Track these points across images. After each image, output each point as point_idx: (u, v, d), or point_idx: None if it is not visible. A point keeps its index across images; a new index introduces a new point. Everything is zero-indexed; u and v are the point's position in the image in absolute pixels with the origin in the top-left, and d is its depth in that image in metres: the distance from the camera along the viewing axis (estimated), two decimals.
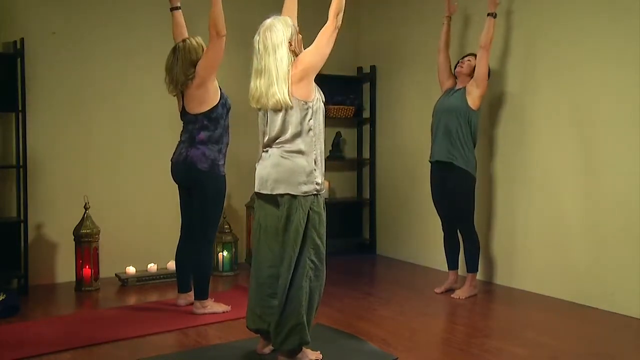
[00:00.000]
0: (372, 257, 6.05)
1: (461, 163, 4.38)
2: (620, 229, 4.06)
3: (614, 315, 4.05)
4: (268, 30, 3.00)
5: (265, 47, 2.98)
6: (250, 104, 3.10)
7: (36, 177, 4.72)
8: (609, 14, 4.12)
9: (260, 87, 3.01)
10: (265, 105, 3.02)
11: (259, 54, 3.01)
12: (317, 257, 3.04)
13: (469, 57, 4.55)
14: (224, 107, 3.90)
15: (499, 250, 4.89)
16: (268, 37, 2.99)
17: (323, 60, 3.06)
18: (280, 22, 3.04)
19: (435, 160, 4.50)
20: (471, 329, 3.81)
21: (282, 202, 3.01)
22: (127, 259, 4.98)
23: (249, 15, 4.88)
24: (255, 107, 3.10)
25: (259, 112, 3.12)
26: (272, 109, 3.01)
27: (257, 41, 3.02)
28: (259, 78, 3.02)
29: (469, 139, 4.41)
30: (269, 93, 2.98)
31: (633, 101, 3.99)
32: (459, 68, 4.54)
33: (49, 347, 3.39)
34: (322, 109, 3.11)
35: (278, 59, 2.97)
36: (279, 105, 2.97)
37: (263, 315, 3.12)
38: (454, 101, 4.44)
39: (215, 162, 3.85)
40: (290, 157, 3.00)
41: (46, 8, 4.80)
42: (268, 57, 2.97)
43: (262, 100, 3.02)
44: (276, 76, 2.96)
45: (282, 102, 2.96)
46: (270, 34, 2.99)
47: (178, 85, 3.85)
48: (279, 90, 2.95)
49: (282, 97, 2.95)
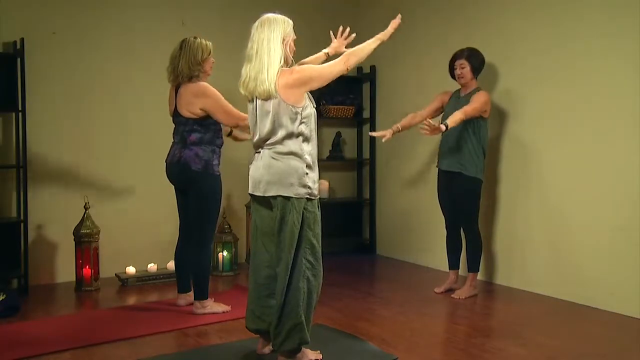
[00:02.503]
0: (372, 257, 6.05)
1: (471, 172, 4.38)
2: (620, 229, 4.06)
3: (614, 315, 4.05)
4: (267, 21, 3.02)
5: (260, 36, 2.99)
6: (240, 90, 3.09)
7: (36, 177, 4.73)
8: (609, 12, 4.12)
9: (249, 71, 3.01)
10: (253, 91, 3.01)
11: (253, 40, 3.02)
12: (314, 256, 3.04)
13: (459, 62, 4.46)
14: None
15: (499, 250, 4.89)
16: (265, 28, 3.00)
17: (319, 83, 3.05)
18: (280, 18, 3.05)
19: (444, 170, 4.50)
20: (471, 329, 3.81)
21: (275, 204, 3.01)
22: (127, 259, 4.98)
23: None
24: (244, 94, 3.09)
25: (249, 105, 3.11)
26: (260, 97, 3.00)
27: (254, 27, 3.04)
28: (249, 63, 3.02)
29: (479, 147, 4.39)
30: (258, 79, 2.97)
31: (634, 101, 3.99)
32: (459, 79, 4.48)
33: (49, 347, 3.39)
34: (314, 115, 3.10)
35: (272, 48, 2.97)
36: (267, 94, 2.97)
37: (262, 315, 3.12)
38: None
39: (209, 162, 3.85)
40: (282, 159, 3.00)
41: (46, 8, 4.80)
42: (262, 45, 2.98)
43: (250, 84, 3.01)
44: (267, 63, 2.96)
45: (268, 90, 2.95)
46: (269, 24, 3.00)
47: (179, 77, 3.85)
48: (268, 78, 2.95)
49: (268, 86, 2.95)
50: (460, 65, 4.46)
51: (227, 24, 5.41)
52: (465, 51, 4.47)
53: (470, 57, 4.45)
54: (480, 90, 4.43)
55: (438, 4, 5.39)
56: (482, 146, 4.42)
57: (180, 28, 5.14)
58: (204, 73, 3.89)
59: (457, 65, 4.47)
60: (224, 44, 4.41)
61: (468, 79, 4.45)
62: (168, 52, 3.96)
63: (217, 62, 4.01)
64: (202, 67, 3.86)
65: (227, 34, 5.09)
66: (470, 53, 4.46)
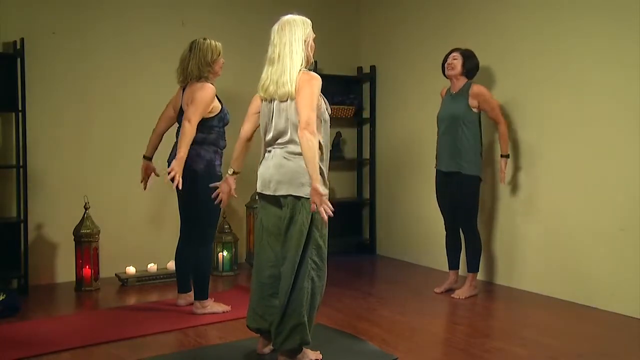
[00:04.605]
0: (372, 257, 6.04)
1: (469, 170, 4.39)
2: (620, 229, 4.06)
3: (614, 315, 4.05)
4: (287, 23, 3.01)
5: (282, 39, 2.99)
6: (259, 92, 3.09)
7: (36, 177, 4.72)
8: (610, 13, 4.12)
9: (271, 74, 3.01)
10: (273, 94, 3.01)
11: (274, 44, 3.01)
12: (319, 257, 3.04)
13: (453, 54, 4.48)
14: (220, 121, 3.91)
15: (500, 250, 4.89)
16: (287, 31, 2.99)
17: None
18: (300, 19, 3.04)
19: (443, 171, 4.51)
20: (471, 329, 3.81)
21: (285, 203, 3.01)
22: (127, 259, 4.98)
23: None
24: (263, 97, 3.09)
25: (264, 105, 3.10)
26: (280, 99, 3.00)
27: (274, 31, 3.03)
28: (271, 66, 3.02)
29: (476, 143, 4.41)
30: (279, 81, 2.98)
31: (634, 101, 3.99)
32: (448, 71, 4.48)
33: (49, 347, 3.39)
34: (327, 121, 3.09)
35: (294, 51, 2.97)
36: (286, 96, 2.97)
37: (264, 314, 3.12)
38: (456, 107, 4.42)
39: (211, 163, 3.85)
40: (293, 159, 3.00)
41: (46, 8, 4.80)
42: (284, 47, 2.98)
43: (270, 88, 3.01)
44: (290, 66, 2.96)
45: (289, 92, 2.95)
46: (289, 27, 3.00)
47: (188, 78, 3.86)
48: (290, 80, 2.95)
49: (290, 88, 2.95)
50: (453, 57, 4.47)
51: (227, 24, 5.40)
52: (462, 49, 4.50)
53: (465, 53, 4.47)
54: (474, 84, 4.44)
55: (438, 4, 5.39)
56: (479, 140, 4.44)
57: (180, 28, 5.14)
58: (213, 74, 3.90)
59: (450, 57, 4.49)
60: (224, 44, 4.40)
61: (457, 70, 4.43)
62: (168, 52, 3.98)
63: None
64: (212, 68, 3.87)
65: (228, 34, 5.09)
66: (467, 51, 4.48)
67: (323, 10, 6.00)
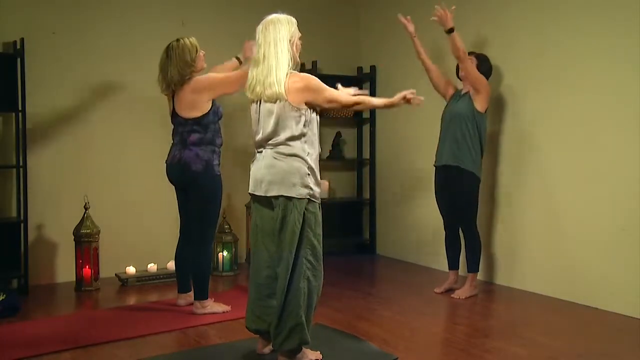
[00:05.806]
0: (372, 257, 6.04)
1: (468, 166, 4.38)
2: (620, 229, 4.06)
3: (614, 315, 4.05)
4: (272, 23, 3.01)
5: (266, 39, 2.98)
6: (246, 93, 3.09)
7: (36, 177, 4.72)
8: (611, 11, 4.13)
9: (257, 75, 3.01)
10: (260, 95, 3.01)
11: (259, 43, 3.01)
12: (314, 257, 3.04)
13: (469, 57, 4.53)
14: (215, 115, 3.90)
15: (500, 250, 4.89)
16: (271, 30, 2.99)
17: (323, 101, 3.05)
18: (284, 18, 3.04)
19: (442, 165, 4.50)
20: (471, 329, 3.81)
21: (276, 204, 3.01)
22: (127, 259, 4.98)
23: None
24: (250, 98, 3.09)
25: (252, 105, 3.10)
26: (267, 100, 3.00)
27: (259, 31, 3.03)
28: (256, 67, 3.02)
29: (477, 143, 4.41)
30: (266, 82, 2.97)
31: (634, 101, 3.99)
32: (461, 72, 4.52)
33: (49, 347, 3.39)
34: (317, 119, 3.10)
35: (279, 51, 2.97)
36: (274, 97, 2.96)
37: (262, 315, 3.12)
38: (461, 107, 4.43)
39: (209, 163, 3.85)
40: (284, 159, 3.00)
41: (46, 8, 4.80)
42: (269, 47, 2.97)
43: (257, 88, 3.01)
44: (275, 66, 2.96)
45: (277, 93, 2.95)
46: (273, 26, 3.00)
47: (171, 85, 3.84)
48: (277, 81, 2.95)
49: (278, 89, 2.94)
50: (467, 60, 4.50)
51: (227, 24, 5.41)
52: (477, 52, 4.56)
53: (480, 57, 4.52)
54: None
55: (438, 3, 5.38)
56: (481, 142, 4.43)
57: (180, 28, 5.13)
58: (196, 72, 3.86)
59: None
60: (224, 44, 4.42)
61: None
62: None
63: (218, 62, 4.01)
64: (194, 67, 3.84)
65: (228, 34, 5.09)
66: (481, 55, 4.55)
67: (323, 10, 6.00)
